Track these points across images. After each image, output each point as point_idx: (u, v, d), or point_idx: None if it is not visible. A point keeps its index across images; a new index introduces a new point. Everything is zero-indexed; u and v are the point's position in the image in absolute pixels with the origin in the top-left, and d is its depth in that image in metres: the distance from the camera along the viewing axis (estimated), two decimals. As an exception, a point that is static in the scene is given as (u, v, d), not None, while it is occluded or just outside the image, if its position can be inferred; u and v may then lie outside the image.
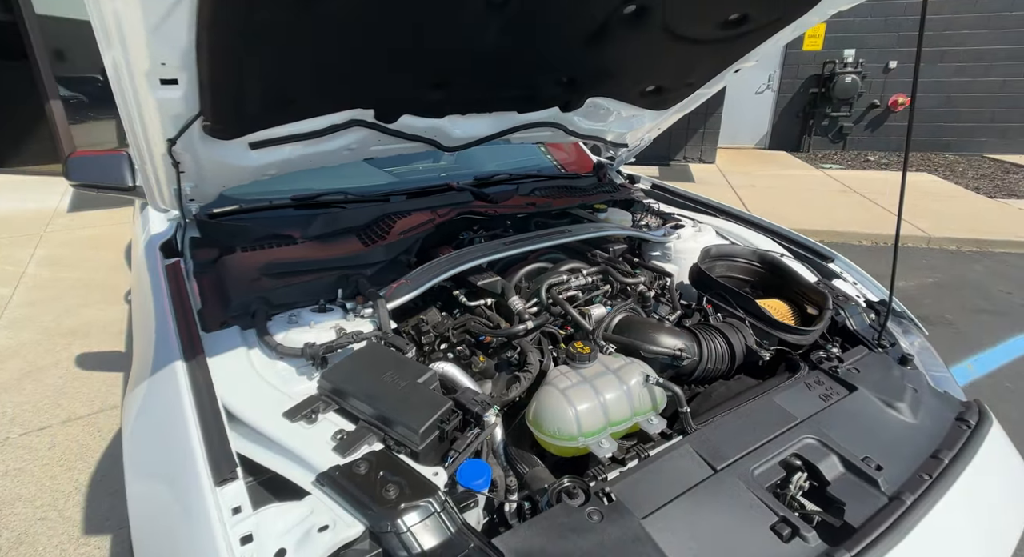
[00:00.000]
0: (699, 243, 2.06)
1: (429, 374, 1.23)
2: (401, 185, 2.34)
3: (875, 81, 9.18)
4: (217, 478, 0.94)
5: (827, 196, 6.92)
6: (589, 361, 1.27)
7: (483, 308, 1.63)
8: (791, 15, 1.62)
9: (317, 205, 2.09)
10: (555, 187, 2.37)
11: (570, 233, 1.83)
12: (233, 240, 1.85)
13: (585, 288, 1.65)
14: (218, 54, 1.09)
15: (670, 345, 1.40)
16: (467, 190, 2.21)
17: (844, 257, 1.95)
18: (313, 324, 1.41)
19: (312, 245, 1.85)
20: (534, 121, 2.11)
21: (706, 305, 1.61)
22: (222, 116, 1.33)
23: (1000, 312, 3.83)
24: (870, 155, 9.52)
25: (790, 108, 9.92)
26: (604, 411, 1.18)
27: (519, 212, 2.12)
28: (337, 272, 1.64)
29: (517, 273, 1.75)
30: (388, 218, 1.97)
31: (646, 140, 2.62)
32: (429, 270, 1.65)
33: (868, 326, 1.60)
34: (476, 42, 1.49)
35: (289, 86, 1.36)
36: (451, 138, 2.00)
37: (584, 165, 2.93)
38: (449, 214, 2.01)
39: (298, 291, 1.56)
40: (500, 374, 1.47)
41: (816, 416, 1.22)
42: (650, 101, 2.19)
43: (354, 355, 1.27)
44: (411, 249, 1.83)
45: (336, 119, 1.63)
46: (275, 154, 1.66)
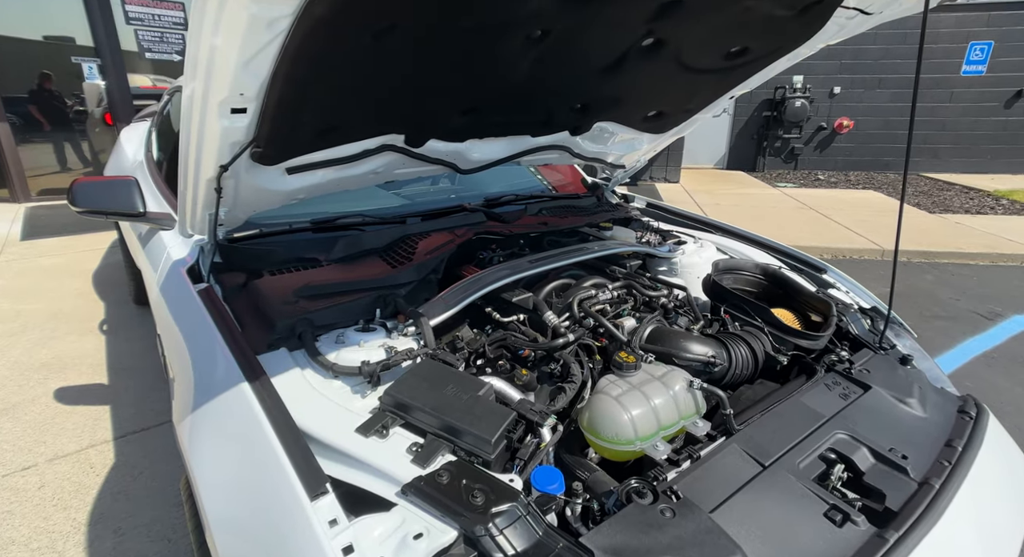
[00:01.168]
0: (702, 258, 2.20)
1: (487, 387, 1.28)
2: (414, 207, 2.40)
3: (822, 105, 9.87)
4: (311, 493, 0.97)
5: (786, 213, 7.34)
6: (635, 370, 1.35)
7: (516, 323, 1.70)
8: (787, 48, 1.79)
9: (336, 228, 2.12)
10: (561, 207, 2.48)
11: (590, 250, 1.93)
12: (258, 264, 1.85)
13: (612, 302, 1.74)
14: (290, 84, 1.14)
15: (702, 352, 1.50)
16: (480, 211, 2.29)
17: (835, 268, 2.12)
18: (362, 343, 1.44)
19: (338, 267, 1.88)
20: (544, 144, 2.22)
21: (724, 315, 1.73)
22: (273, 143, 1.37)
23: (951, 317, 4.17)
24: (820, 174, 10.17)
25: (745, 130, 10.51)
26: (655, 416, 1.26)
27: (533, 231, 2.21)
28: (373, 293, 1.67)
29: (544, 289, 1.83)
30: (410, 239, 2.02)
31: (642, 161, 2.78)
32: (464, 288, 1.71)
33: (868, 331, 1.75)
34: (509, 72, 1.58)
35: (337, 113, 1.42)
36: (468, 161, 2.08)
37: (577, 186, 3.06)
38: (467, 234, 2.08)
39: (338, 312, 1.59)
40: (542, 386, 1.54)
41: (841, 413, 1.34)
42: (651, 125, 2.34)
43: (413, 370, 1.32)
44: (438, 269, 1.89)
45: (370, 144, 1.69)
46: (308, 179, 1.70)
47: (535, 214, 2.38)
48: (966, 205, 7.71)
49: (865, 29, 1.72)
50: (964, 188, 8.74)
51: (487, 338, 1.69)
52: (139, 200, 2.07)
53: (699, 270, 2.13)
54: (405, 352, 1.38)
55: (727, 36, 1.71)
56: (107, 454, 2.58)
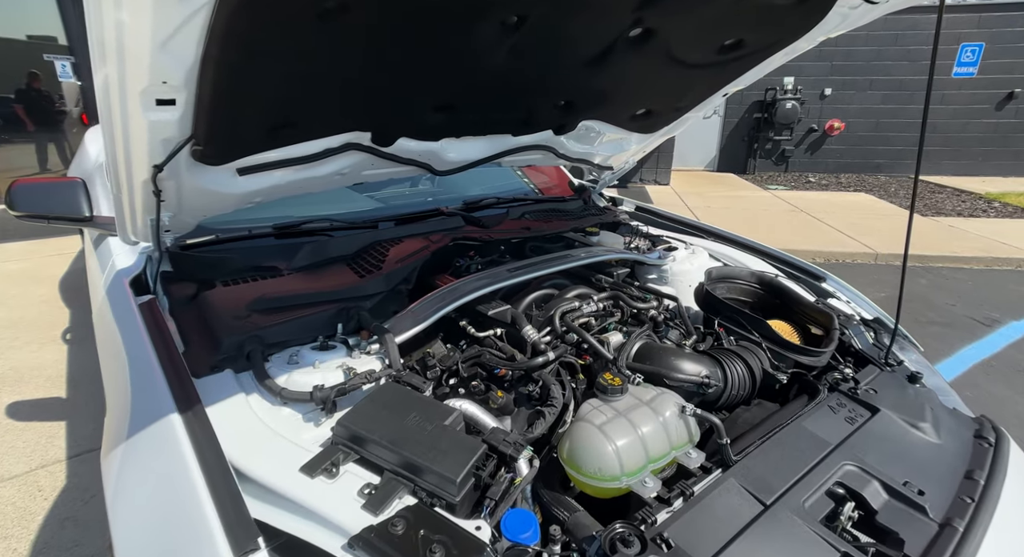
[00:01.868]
0: (694, 265, 2.07)
1: (455, 415, 1.15)
2: (388, 211, 2.25)
3: (812, 107, 9.85)
4: (238, 550, 0.82)
5: (778, 216, 7.27)
6: (621, 394, 1.22)
7: (492, 339, 1.56)
8: (785, 41, 1.67)
9: (301, 233, 1.97)
10: (545, 211, 2.35)
11: (574, 258, 1.80)
12: (211, 273, 1.71)
13: (597, 314, 1.61)
14: (224, 72, 1.00)
15: (695, 372, 1.37)
16: (458, 215, 2.15)
17: (835, 276, 2.01)
18: (317, 364, 1.29)
19: (301, 277, 1.73)
20: (527, 144, 2.09)
21: (718, 328, 1.60)
22: (216, 140, 1.22)
23: (948, 323, 4.08)
24: (811, 176, 10.14)
25: (736, 132, 10.47)
26: (644, 446, 1.13)
27: (514, 236, 2.07)
28: (335, 305, 1.53)
29: (524, 300, 1.70)
30: (380, 246, 1.88)
31: (630, 163, 2.66)
32: (435, 300, 1.57)
33: (872, 345, 1.63)
34: (483, 64, 1.45)
35: (290, 108, 1.27)
36: (444, 161, 1.94)
37: (563, 188, 2.93)
38: (443, 240, 1.94)
39: (294, 328, 1.44)
40: (520, 410, 1.40)
41: (848, 440, 1.21)
42: (639, 124, 2.21)
43: (371, 397, 1.17)
44: (409, 278, 1.74)
45: (332, 143, 1.54)
46: (264, 180, 1.55)
47: (517, 218, 2.24)
48: (958, 208, 7.69)
49: (868, 20, 1.61)
50: (956, 191, 8.73)
51: (461, 355, 1.55)
52: (85, 203, 1.90)
53: (691, 278, 2.01)
54: (365, 374, 1.24)
55: (721, 27, 1.58)
56: (58, 475, 2.41)
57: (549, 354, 1.38)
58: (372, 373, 1.25)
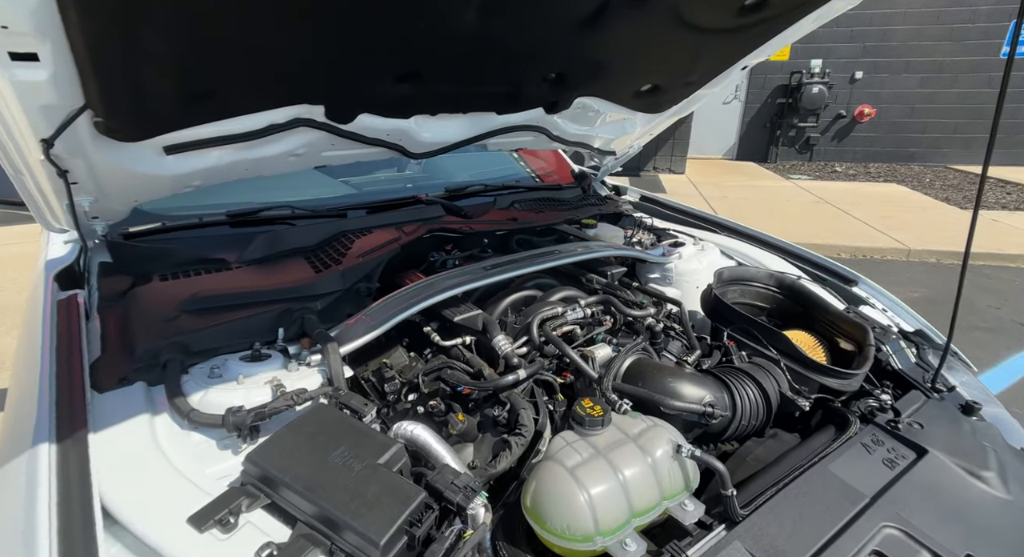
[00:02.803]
0: (703, 264, 1.84)
1: (394, 449, 0.94)
2: (360, 198, 2.05)
3: (841, 92, 9.39)
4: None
5: (800, 207, 6.93)
6: (602, 426, 1.00)
7: (459, 348, 1.35)
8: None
9: (258, 222, 1.78)
10: (537, 200, 2.12)
11: (561, 254, 1.57)
12: (152, 266, 1.53)
13: (584, 322, 1.39)
14: (96, 21, 0.79)
15: (696, 398, 1.15)
16: (437, 203, 1.94)
17: (869, 279, 1.75)
18: (242, 378, 1.10)
19: (250, 271, 1.54)
20: (515, 124, 1.86)
21: (728, 342, 1.37)
22: (117, 110, 1.02)
23: (992, 329, 3.77)
24: (837, 166, 9.71)
25: (757, 119, 10.05)
26: (626, 496, 0.91)
27: (498, 228, 1.86)
28: (279, 306, 1.33)
29: (500, 303, 1.48)
30: (344, 237, 1.68)
31: (635, 147, 2.41)
32: (394, 303, 1.36)
33: (915, 365, 1.39)
34: (450, 24, 1.22)
35: (207, 73, 1.06)
36: (418, 143, 1.72)
37: (563, 175, 2.70)
38: (417, 231, 1.73)
39: (227, 332, 1.25)
40: (484, 436, 1.19)
41: (888, 492, 0.98)
42: (644, 103, 1.97)
43: (294, 424, 0.97)
44: (372, 275, 1.54)
45: (276, 117, 1.34)
46: (199, 160, 1.35)
47: (505, 208, 2.02)
48: (1003, 200, 7.24)
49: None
50: (999, 181, 8.24)
51: (424, 366, 1.35)
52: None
53: (699, 279, 1.77)
54: (292, 395, 1.04)
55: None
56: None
57: (520, 372, 1.16)
58: (302, 393, 1.05)
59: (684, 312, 1.52)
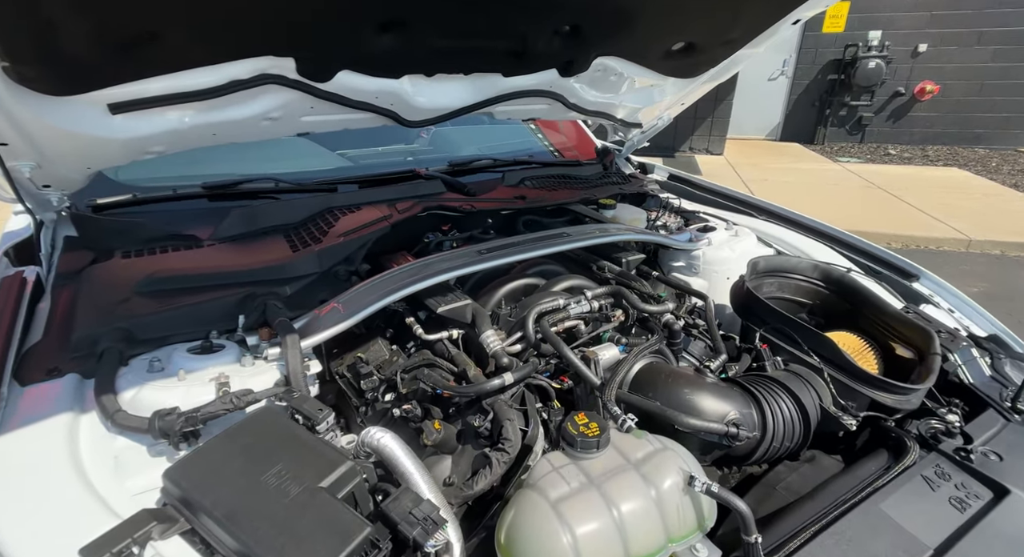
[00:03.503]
0: (736, 251, 1.62)
1: (342, 470, 0.79)
2: (354, 171, 1.90)
3: (901, 67, 8.72)
4: None
5: (849, 192, 6.51)
6: (597, 448, 0.83)
7: (445, 343, 1.20)
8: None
9: (238, 195, 1.65)
10: (550, 176, 1.93)
11: (569, 238, 1.39)
12: (117, 241, 1.43)
13: (590, 317, 1.21)
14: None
15: (718, 414, 0.96)
16: (438, 178, 1.77)
17: (932, 274, 1.52)
18: (183, 374, 0.97)
19: (222, 250, 1.42)
20: (525, 89, 1.67)
21: (760, 345, 1.17)
22: (22, 54, 0.87)
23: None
24: (891, 148, 9.11)
25: (805, 96, 9.47)
26: (622, 538, 0.75)
27: (503, 208, 1.68)
28: (243, 290, 1.19)
29: (496, 293, 1.32)
30: (330, 214, 1.54)
31: (665, 119, 2.18)
32: (371, 290, 1.21)
33: (990, 378, 1.17)
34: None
35: (136, 13, 0.90)
36: (414, 109, 1.55)
37: (585, 150, 2.49)
38: (412, 209, 1.57)
39: (180, 318, 1.12)
40: (464, 448, 1.03)
41: (957, 545, 0.79)
42: (676, 65, 1.74)
43: (227, 434, 0.83)
44: (353, 257, 1.39)
45: (238, 72, 1.18)
46: (155, 122, 1.21)
47: (514, 185, 1.84)
48: (1075, 186, 6.65)
49: None
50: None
51: (406, 362, 1.20)
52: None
53: (730, 269, 1.57)
54: (234, 396, 0.90)
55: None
56: None
57: (506, 376, 1.00)
58: (246, 394, 0.91)
59: (710, 307, 1.32)
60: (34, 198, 1.29)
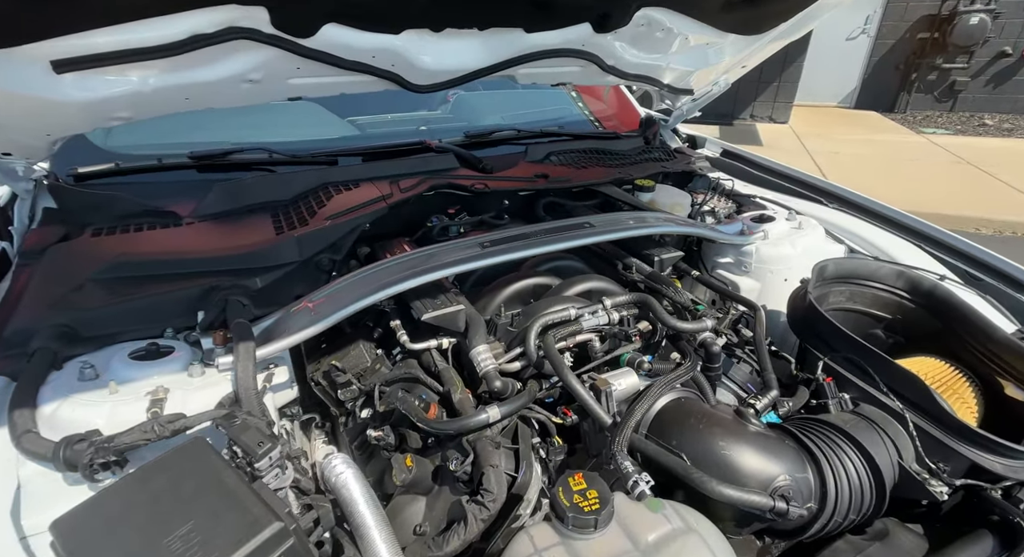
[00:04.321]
0: (798, 248, 1.36)
1: (268, 534, 0.64)
2: (358, 142, 1.71)
3: (1010, 23, 7.67)
4: None
5: (933, 168, 5.86)
6: (595, 528, 0.64)
7: (432, 354, 1.02)
8: None
9: (228, 166, 1.50)
10: (581, 151, 1.69)
11: (591, 230, 1.16)
12: (94, 216, 1.32)
13: (608, 332, 1.00)
14: None
15: (763, 478, 0.75)
16: (451, 151, 1.56)
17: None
18: (115, 386, 0.83)
19: (201, 230, 1.28)
20: (552, 48, 1.41)
21: (823, 378, 0.94)
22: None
23: None
24: (987, 118, 8.15)
25: (889, 57, 8.55)
26: None
27: (522, 188, 1.47)
28: (208, 280, 1.05)
29: (498, 294, 1.12)
30: (324, 191, 1.37)
31: (722, 84, 1.88)
32: (352, 287, 1.04)
33: None
34: None
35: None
36: (419, 70, 1.33)
37: (628, 120, 2.21)
38: (417, 187, 1.38)
39: (134, 313, 1.00)
40: (441, 489, 0.86)
41: None
42: (739, 19, 1.45)
43: (137, 476, 0.69)
44: (340, 244, 1.23)
45: (200, 24, 1.00)
46: (112, 84, 1.06)
47: (537, 161, 1.61)
48: None
49: None
50: None
51: (387, 373, 1.03)
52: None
53: (790, 269, 1.31)
54: (156, 425, 0.75)
55: None
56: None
57: (491, 411, 0.81)
58: (174, 421, 0.76)
59: (760, 321, 1.08)
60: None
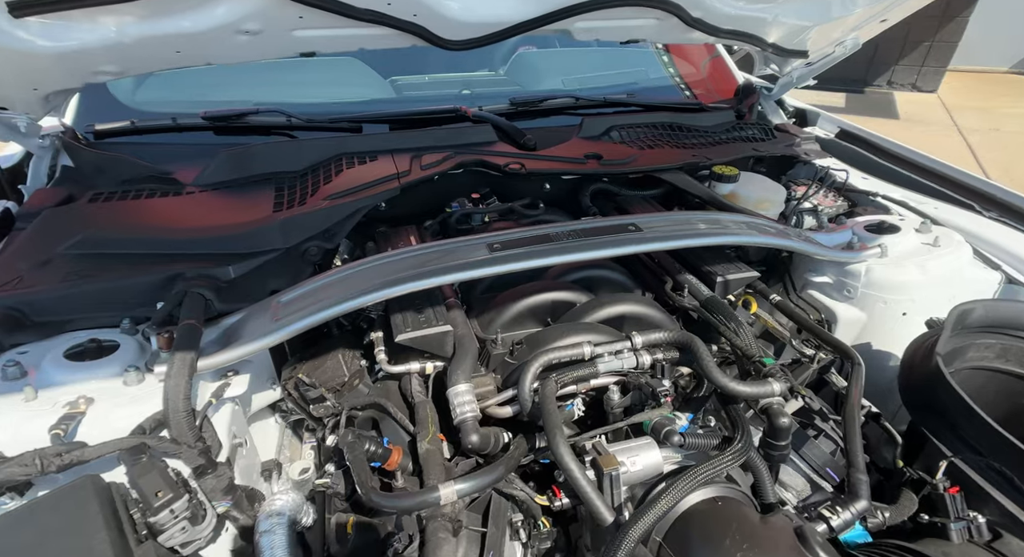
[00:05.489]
0: (929, 273, 1.01)
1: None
2: (390, 106, 1.52)
3: None
4: None
5: None
6: None
7: (411, 379, 0.83)
8: None
9: (245, 130, 1.38)
10: (651, 126, 1.39)
11: (635, 236, 0.90)
12: (100, 178, 1.26)
13: (633, 380, 0.76)
14: None
15: None
16: (488, 121, 1.34)
17: None
18: (32, 391, 0.73)
19: (199, 201, 1.19)
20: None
21: (943, 485, 0.65)
22: None
23: None
24: None
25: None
26: None
27: (566, 170, 1.21)
28: (174, 266, 0.92)
29: (508, 309, 0.90)
30: (337, 163, 1.21)
31: (848, 46, 1.47)
32: (327, 289, 0.87)
33: None
34: None
35: None
36: (448, 22, 1.11)
37: (722, 87, 1.84)
38: (441, 164, 1.19)
39: (89, 298, 0.92)
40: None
41: None
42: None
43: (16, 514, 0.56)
44: (336, 229, 1.08)
45: (165, -40, 0.83)
46: (83, 32, 0.95)
47: (593, 137, 1.35)
48: None
49: None
50: None
51: (363, 396, 0.87)
52: None
53: (911, 301, 0.98)
54: (43, 456, 0.63)
55: None
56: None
57: (444, 491, 0.61)
58: (70, 451, 0.63)
59: (858, 382, 0.79)
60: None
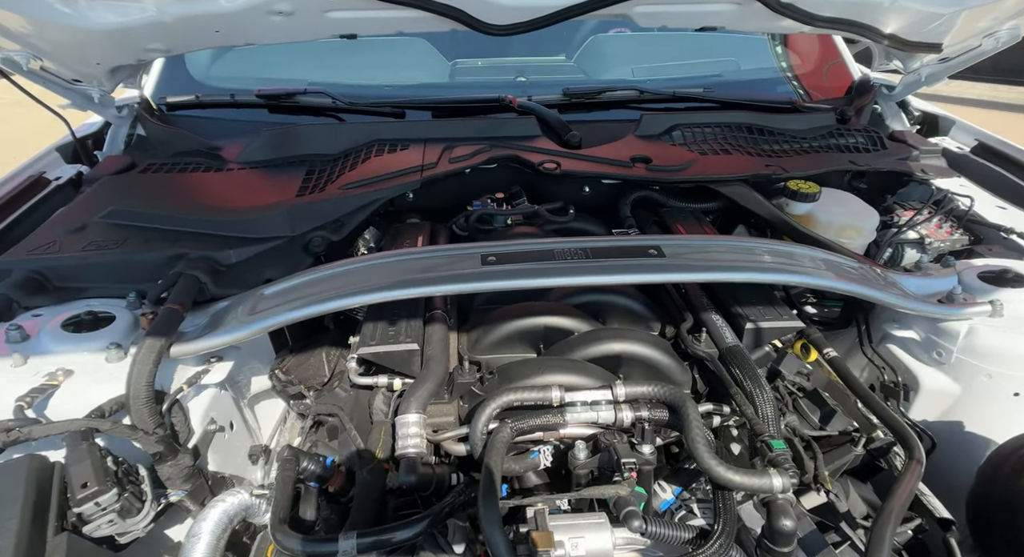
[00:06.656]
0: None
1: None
2: (438, 92, 1.47)
3: None
4: None
5: None
6: None
7: (381, 393, 0.78)
8: None
9: (297, 109, 1.39)
10: (723, 126, 1.21)
11: (656, 261, 0.76)
12: (159, 149, 1.35)
13: (605, 441, 0.65)
14: None
15: None
16: (533, 114, 1.24)
17: None
18: (20, 358, 0.77)
19: (235, 178, 1.24)
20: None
21: None
22: None
23: None
24: None
25: None
26: None
27: (607, 174, 1.09)
28: (181, 245, 0.95)
29: (492, 332, 0.81)
30: (369, 149, 1.19)
31: (1003, 38, 1.17)
32: (306, 287, 0.84)
33: None
34: None
35: None
36: (492, 5, 1.02)
37: (837, 84, 1.57)
38: (471, 158, 1.12)
39: (103, 269, 0.95)
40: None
41: None
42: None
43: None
44: (346, 221, 1.04)
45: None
46: (125, 11, 0.98)
47: (652, 136, 1.20)
48: None
49: None
50: None
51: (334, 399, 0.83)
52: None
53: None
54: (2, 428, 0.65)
55: None
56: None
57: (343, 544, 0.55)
58: (13, 428, 0.65)
59: (912, 478, 0.61)
60: (72, 93, 1.21)
